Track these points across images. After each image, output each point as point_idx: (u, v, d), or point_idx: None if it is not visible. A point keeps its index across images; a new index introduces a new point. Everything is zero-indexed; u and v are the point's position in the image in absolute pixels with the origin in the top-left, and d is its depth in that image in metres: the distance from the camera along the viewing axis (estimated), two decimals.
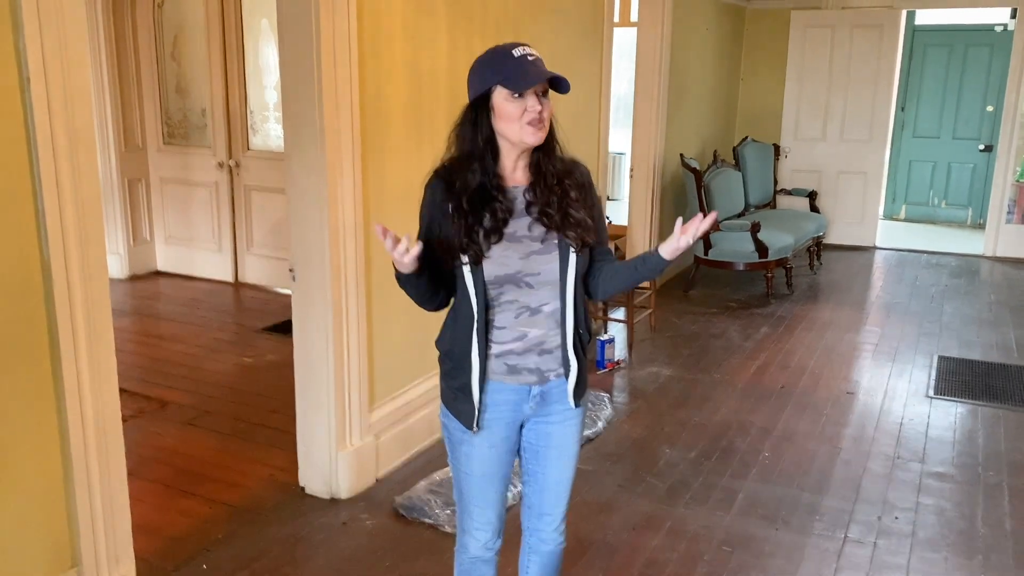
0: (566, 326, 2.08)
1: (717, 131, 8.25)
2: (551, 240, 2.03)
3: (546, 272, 2.04)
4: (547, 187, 2.03)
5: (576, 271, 2.05)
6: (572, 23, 5.04)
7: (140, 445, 3.93)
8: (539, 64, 1.94)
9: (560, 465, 2.22)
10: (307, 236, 3.34)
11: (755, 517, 3.45)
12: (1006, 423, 4.39)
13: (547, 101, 1.97)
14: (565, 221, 2.02)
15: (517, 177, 2.06)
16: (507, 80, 1.92)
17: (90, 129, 2.39)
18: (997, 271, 7.77)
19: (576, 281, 2.07)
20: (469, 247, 1.98)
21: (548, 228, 2.03)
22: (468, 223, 1.97)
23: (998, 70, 9.13)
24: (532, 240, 2.03)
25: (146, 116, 6.81)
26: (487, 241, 1.99)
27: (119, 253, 6.81)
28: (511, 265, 2.02)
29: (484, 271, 2.01)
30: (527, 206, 2.04)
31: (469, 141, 2.01)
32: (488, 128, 1.99)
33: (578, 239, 2.03)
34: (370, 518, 3.40)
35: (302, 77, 3.19)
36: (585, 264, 2.09)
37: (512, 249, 2.01)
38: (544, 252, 2.03)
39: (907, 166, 9.97)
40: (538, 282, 2.04)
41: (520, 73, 1.91)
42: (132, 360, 5.05)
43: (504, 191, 2.02)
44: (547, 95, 1.97)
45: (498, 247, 2.00)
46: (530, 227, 2.03)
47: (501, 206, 2.00)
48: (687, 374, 5.06)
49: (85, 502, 2.51)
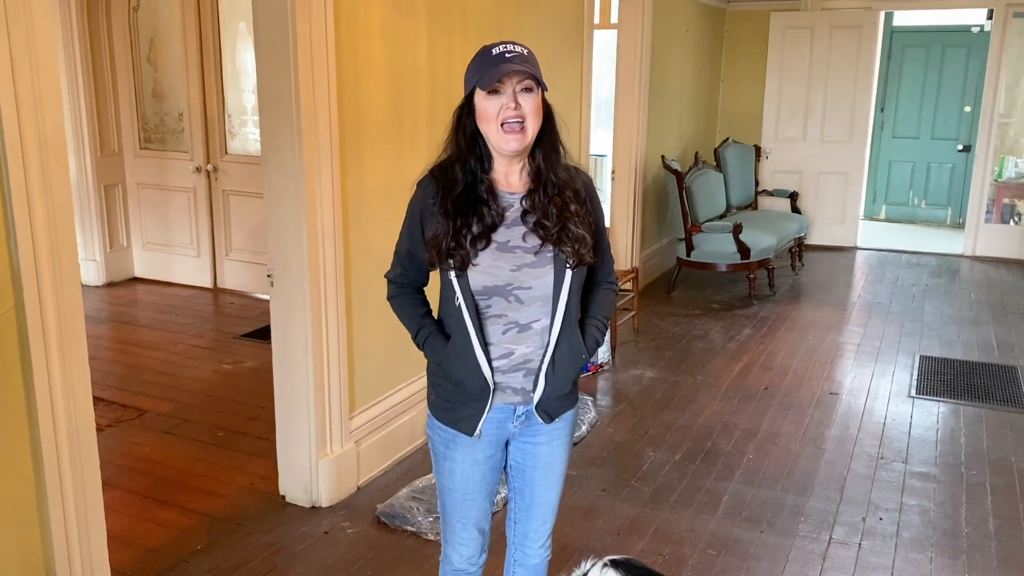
0: (549, 344, 1.99)
1: (698, 132, 8.26)
2: (546, 253, 1.94)
3: (538, 287, 1.95)
4: (546, 196, 1.94)
5: (571, 288, 1.96)
6: (553, 25, 5.02)
7: (117, 454, 3.87)
8: (516, 60, 1.86)
9: (547, 484, 2.17)
10: (285, 241, 3.29)
11: (740, 519, 3.43)
12: (987, 422, 4.40)
13: (530, 97, 1.88)
14: (562, 235, 1.92)
15: (513, 183, 1.98)
16: (481, 79, 1.87)
17: (61, 134, 2.34)
18: (977, 270, 7.82)
19: (571, 299, 1.98)
20: (456, 251, 1.91)
21: (544, 240, 1.94)
22: (456, 226, 1.90)
23: (975, 71, 9.21)
24: (525, 252, 1.94)
25: (122, 121, 6.73)
26: (474, 247, 1.91)
27: (95, 259, 6.73)
28: (501, 276, 1.94)
29: (471, 280, 1.93)
30: (523, 215, 1.95)
31: (455, 143, 1.97)
32: (472, 129, 1.94)
33: (575, 255, 1.94)
34: (351, 526, 3.35)
35: (279, 80, 3.15)
36: (582, 281, 2.01)
37: (503, 259, 1.93)
38: (537, 265, 1.94)
39: (887, 166, 10.04)
40: (529, 297, 1.96)
41: (493, 71, 1.85)
42: (109, 368, 4.98)
43: (496, 195, 1.95)
44: (533, 92, 1.88)
45: (488, 255, 1.92)
46: (525, 237, 1.94)
47: (490, 210, 1.92)
48: (671, 376, 5.05)
49: (59, 513, 2.46)
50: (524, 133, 1.89)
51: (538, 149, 1.96)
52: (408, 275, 2.10)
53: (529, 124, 1.89)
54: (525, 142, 1.90)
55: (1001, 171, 8.27)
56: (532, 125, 1.90)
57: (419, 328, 2.07)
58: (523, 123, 1.88)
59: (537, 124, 1.91)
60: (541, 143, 1.96)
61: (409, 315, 2.10)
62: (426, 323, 2.07)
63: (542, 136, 1.95)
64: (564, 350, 2.01)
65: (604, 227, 2.10)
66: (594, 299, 2.11)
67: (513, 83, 1.87)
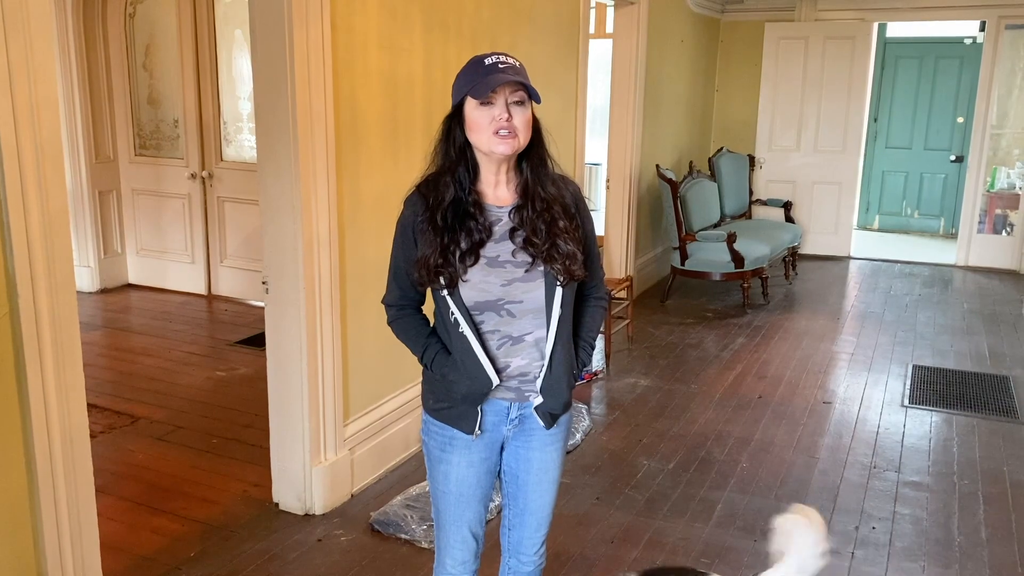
0: (546, 351, 2.00)
1: (693, 142, 8.29)
2: (536, 268, 1.94)
3: (529, 300, 1.96)
4: (534, 212, 1.93)
5: (563, 300, 1.97)
6: (548, 34, 5.04)
7: (110, 461, 3.86)
8: (509, 71, 1.86)
9: (541, 490, 2.17)
10: (280, 248, 3.30)
11: (733, 528, 3.44)
12: (980, 432, 4.42)
13: (521, 110, 1.88)
14: (552, 252, 1.92)
15: (501, 195, 1.98)
16: (473, 88, 1.87)
17: (57, 141, 2.34)
18: (969, 280, 7.85)
19: (564, 311, 1.98)
20: (444, 268, 1.90)
21: (534, 258, 1.93)
22: (443, 242, 1.90)
23: (968, 82, 9.26)
24: (516, 267, 1.94)
25: (117, 127, 6.73)
26: (463, 264, 1.91)
27: (90, 266, 6.72)
28: (491, 292, 1.94)
29: (463, 296, 1.93)
30: (512, 231, 1.95)
31: (443, 155, 1.96)
32: (462, 140, 1.93)
33: (565, 272, 1.93)
34: (345, 534, 3.35)
35: (275, 87, 3.16)
36: (574, 292, 2.02)
37: (494, 275, 1.94)
38: (528, 280, 1.95)
39: (880, 176, 10.08)
40: (520, 310, 1.96)
41: (486, 80, 1.85)
42: (103, 375, 4.97)
43: (483, 208, 1.95)
44: (524, 104, 1.89)
45: (478, 271, 1.92)
46: (514, 253, 1.94)
47: (478, 225, 1.92)
48: (665, 384, 5.06)
49: (51, 520, 2.45)
50: (516, 139, 1.89)
51: (525, 162, 1.97)
52: (407, 295, 2.08)
53: (520, 136, 1.90)
54: (516, 147, 1.90)
55: (993, 182, 8.32)
56: (523, 136, 1.91)
57: (424, 349, 2.07)
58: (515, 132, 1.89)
59: (528, 136, 1.92)
60: (528, 156, 1.97)
61: (412, 338, 2.09)
62: (431, 343, 2.07)
63: (529, 149, 1.96)
64: (560, 362, 2.02)
65: (594, 238, 2.11)
66: (583, 318, 2.12)
67: (506, 94, 1.87)
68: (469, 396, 2.02)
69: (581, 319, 2.11)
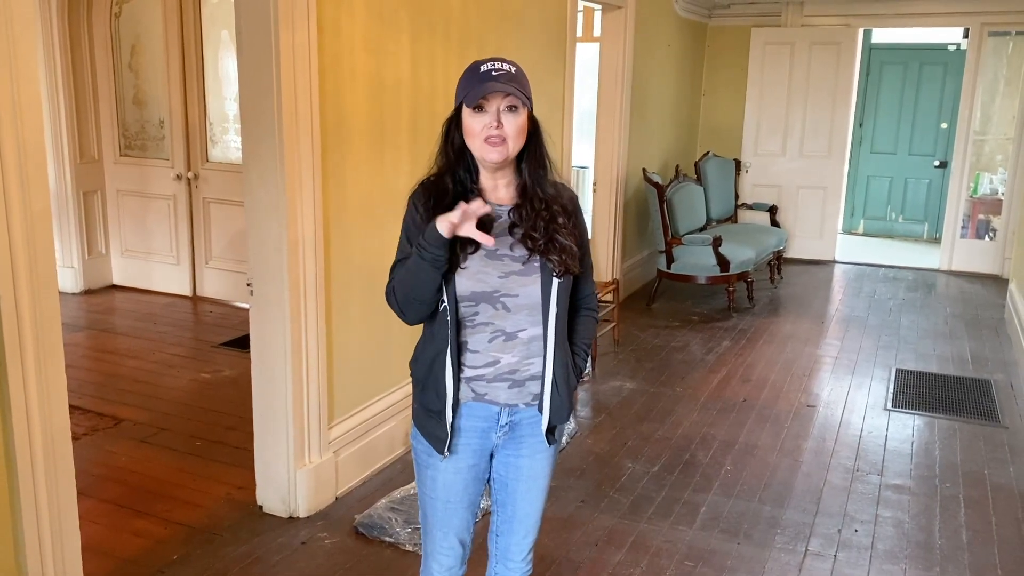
0: (547, 355, 2.01)
1: (679, 146, 8.32)
2: (533, 263, 1.97)
3: (525, 295, 1.97)
4: (533, 211, 1.96)
5: (559, 297, 1.98)
6: (535, 37, 5.05)
7: (93, 464, 3.84)
8: (502, 79, 1.87)
9: (530, 498, 2.17)
10: (265, 250, 3.29)
11: (717, 531, 3.45)
12: (961, 435, 4.45)
13: (513, 117, 1.89)
14: (550, 245, 1.95)
15: (501, 196, 2.00)
16: (467, 96, 1.89)
17: (40, 142, 2.32)
18: (952, 285, 7.91)
19: (561, 307, 1.99)
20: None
21: (531, 251, 1.96)
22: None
23: (952, 88, 9.34)
24: (513, 260, 1.96)
25: (102, 127, 6.69)
26: (463, 251, 1.92)
27: (74, 267, 6.68)
28: (488, 283, 1.95)
29: (459, 285, 1.94)
30: (511, 227, 1.98)
31: (443, 156, 1.99)
32: (459, 143, 1.96)
33: (561, 264, 1.95)
34: (329, 537, 3.34)
35: (261, 89, 3.15)
36: (568, 291, 2.02)
37: (491, 266, 1.95)
38: (525, 274, 1.96)
39: (865, 181, 10.15)
40: (515, 305, 1.98)
41: (477, 88, 1.87)
42: (86, 376, 4.94)
43: (485, 203, 1.95)
44: (517, 111, 1.89)
45: (476, 260, 1.94)
46: (512, 247, 1.97)
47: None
48: (650, 387, 5.07)
49: (32, 523, 2.43)
50: (506, 146, 1.90)
51: (524, 164, 1.98)
52: None
53: (511, 143, 1.91)
54: (506, 155, 1.91)
55: (976, 187, 8.39)
56: (513, 144, 1.91)
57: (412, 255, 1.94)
58: (505, 140, 1.90)
59: (520, 143, 1.93)
60: (527, 158, 1.98)
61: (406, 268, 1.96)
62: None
63: (528, 151, 1.97)
64: (560, 364, 2.03)
65: (588, 245, 2.12)
66: (576, 326, 2.13)
67: (498, 101, 1.88)
68: (431, 386, 2.03)
69: (574, 327, 2.13)
